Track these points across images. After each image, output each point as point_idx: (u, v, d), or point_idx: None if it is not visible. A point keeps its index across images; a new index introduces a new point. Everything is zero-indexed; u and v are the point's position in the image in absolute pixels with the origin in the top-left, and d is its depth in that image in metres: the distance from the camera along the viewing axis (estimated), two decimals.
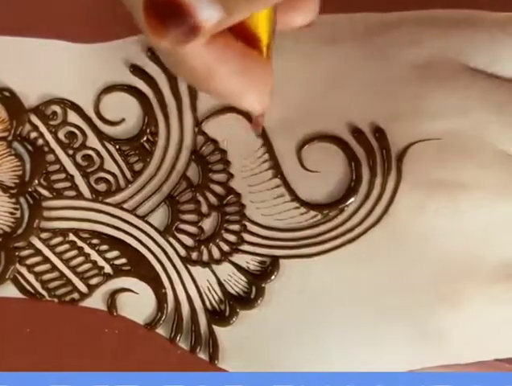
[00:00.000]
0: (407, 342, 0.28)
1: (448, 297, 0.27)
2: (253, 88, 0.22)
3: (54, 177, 0.29)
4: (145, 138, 0.28)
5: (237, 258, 0.28)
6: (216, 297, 0.29)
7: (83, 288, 0.29)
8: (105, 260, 0.29)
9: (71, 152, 0.29)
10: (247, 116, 0.28)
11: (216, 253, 0.28)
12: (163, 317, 0.29)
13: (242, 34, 0.22)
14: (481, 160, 0.28)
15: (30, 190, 0.29)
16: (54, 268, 0.29)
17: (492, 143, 0.28)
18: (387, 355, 0.28)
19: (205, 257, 0.28)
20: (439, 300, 0.27)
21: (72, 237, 0.29)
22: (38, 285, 0.29)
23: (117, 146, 0.29)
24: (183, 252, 0.29)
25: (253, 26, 0.22)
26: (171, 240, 0.29)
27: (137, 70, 0.28)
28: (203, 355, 0.29)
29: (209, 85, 0.22)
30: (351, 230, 0.28)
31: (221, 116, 0.28)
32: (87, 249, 0.29)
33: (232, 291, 0.28)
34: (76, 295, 0.29)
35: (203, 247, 0.28)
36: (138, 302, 0.29)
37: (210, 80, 0.22)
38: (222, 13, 0.18)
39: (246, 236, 0.28)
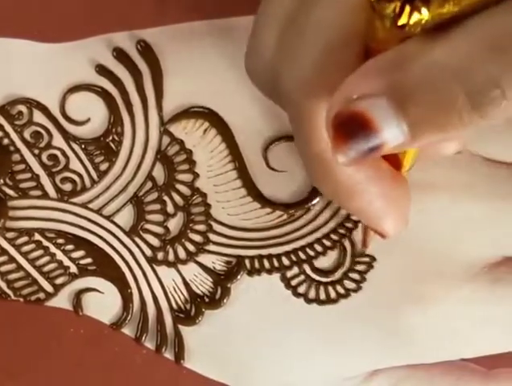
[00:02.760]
0: (375, 341, 0.28)
1: (416, 297, 0.27)
2: (394, 213, 0.22)
3: (19, 176, 0.29)
4: (110, 138, 0.28)
5: (203, 258, 0.28)
6: (182, 297, 0.29)
7: (48, 287, 0.29)
8: (71, 259, 0.29)
9: (36, 152, 0.29)
10: (216, 125, 0.28)
11: (181, 253, 0.28)
12: (129, 316, 0.29)
13: (389, 156, 0.22)
14: (449, 161, 0.28)
15: None
16: (19, 267, 0.29)
17: (465, 146, 0.28)
18: (354, 354, 0.28)
19: (171, 257, 0.28)
20: (407, 300, 0.28)
21: (37, 237, 0.29)
22: (3, 285, 0.29)
23: (83, 146, 0.28)
24: (148, 252, 0.29)
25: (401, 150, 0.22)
26: (137, 239, 0.29)
27: (102, 70, 0.28)
28: (168, 355, 0.29)
29: (352, 203, 0.22)
30: (316, 230, 0.28)
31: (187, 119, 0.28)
32: (52, 249, 0.29)
33: (197, 291, 0.28)
34: (41, 295, 0.29)
35: (168, 247, 0.28)
36: (103, 302, 0.29)
37: (355, 199, 0.21)
38: (407, 136, 0.18)
39: (212, 236, 0.28)
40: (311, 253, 0.28)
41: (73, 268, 0.29)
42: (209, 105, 0.28)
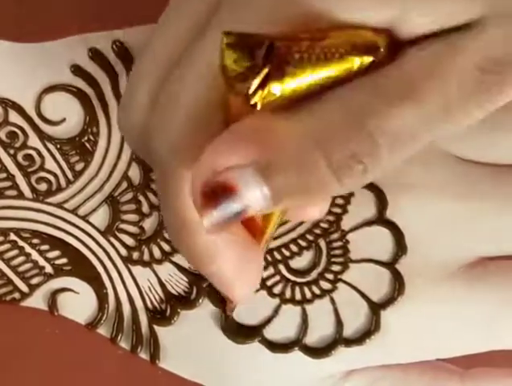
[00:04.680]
0: None
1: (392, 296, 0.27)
2: (245, 280, 0.23)
3: None
4: (86, 138, 0.28)
5: (178, 258, 0.28)
6: (158, 297, 0.29)
7: (24, 287, 0.29)
8: (46, 259, 0.29)
9: (12, 151, 0.29)
10: None
11: (157, 253, 0.28)
12: (104, 317, 0.28)
13: (248, 222, 0.22)
14: (424, 161, 0.28)
15: None
16: None
17: (436, 143, 0.28)
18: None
19: (146, 257, 0.28)
20: (382, 299, 0.28)
21: (12, 237, 0.29)
22: None
23: (59, 146, 0.28)
24: (124, 251, 0.29)
25: (262, 217, 0.22)
26: (112, 239, 0.29)
27: (78, 70, 0.28)
28: (144, 355, 0.29)
29: (209, 267, 0.22)
30: (292, 230, 0.28)
31: None
32: (28, 249, 0.29)
33: (173, 291, 0.28)
34: (16, 295, 0.29)
35: (144, 247, 0.28)
36: (79, 302, 0.29)
37: (209, 263, 0.22)
38: (269, 201, 0.18)
39: None
40: (287, 254, 0.28)
41: (48, 269, 0.29)
42: None
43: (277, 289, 0.28)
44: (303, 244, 0.28)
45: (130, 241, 0.29)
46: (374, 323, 0.28)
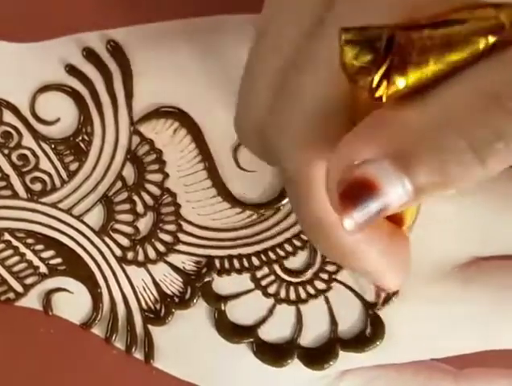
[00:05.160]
0: None
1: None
2: (396, 268, 0.22)
3: None
4: (80, 138, 0.28)
5: (173, 258, 0.28)
6: (152, 297, 0.29)
7: (18, 287, 0.29)
8: (41, 259, 0.29)
9: (6, 151, 0.29)
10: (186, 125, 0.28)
11: (151, 253, 0.28)
12: (99, 316, 0.28)
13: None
14: None
15: None
16: None
17: None
18: None
19: (141, 257, 0.28)
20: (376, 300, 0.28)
21: (7, 237, 0.29)
22: None
23: (53, 146, 0.28)
24: (118, 251, 0.29)
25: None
26: (107, 239, 0.28)
27: (72, 69, 0.28)
28: (138, 355, 0.29)
29: (355, 263, 0.22)
30: (287, 230, 0.28)
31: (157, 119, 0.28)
32: (22, 249, 0.29)
33: (167, 291, 0.28)
34: (11, 295, 0.29)
35: (138, 247, 0.28)
36: (73, 302, 0.29)
37: (357, 259, 0.21)
38: (411, 195, 0.18)
39: (182, 236, 0.28)
40: (282, 253, 0.28)
41: (43, 268, 0.29)
42: (179, 105, 0.28)
43: (271, 289, 0.28)
44: (298, 243, 0.28)
45: (124, 241, 0.28)
46: (369, 323, 0.28)
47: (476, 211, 0.27)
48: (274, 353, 0.28)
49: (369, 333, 0.28)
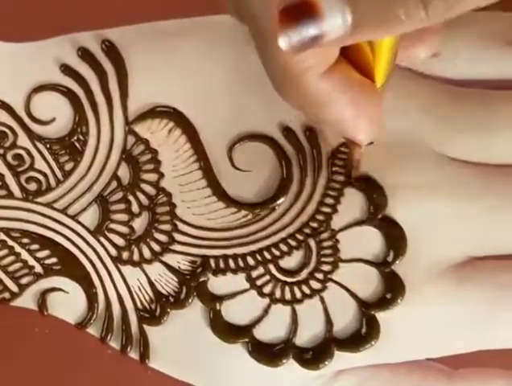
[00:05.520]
0: None
1: None
2: (364, 119, 0.23)
3: None
4: (75, 138, 0.28)
5: (168, 258, 0.28)
6: (147, 297, 0.29)
7: (13, 287, 0.29)
8: (36, 259, 0.29)
9: (1, 151, 0.29)
10: (181, 125, 0.28)
11: (146, 253, 0.28)
12: (94, 316, 0.28)
13: (359, 66, 0.22)
14: (415, 160, 0.28)
15: None
16: None
17: (428, 144, 0.28)
18: None
19: (136, 257, 0.28)
20: (371, 299, 0.28)
21: (2, 236, 0.29)
22: None
23: (48, 146, 0.28)
24: (113, 251, 0.28)
25: (371, 59, 0.22)
26: (102, 239, 0.28)
27: (67, 69, 0.28)
28: (134, 355, 0.28)
29: (322, 113, 0.22)
30: (282, 229, 0.28)
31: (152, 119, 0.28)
32: (17, 248, 0.29)
33: (162, 291, 0.28)
34: (6, 294, 0.29)
35: (133, 246, 0.28)
36: (68, 302, 0.29)
37: (324, 108, 0.22)
38: (349, 28, 0.18)
39: (177, 236, 0.28)
40: (277, 253, 0.28)
41: (38, 268, 0.29)
42: (174, 105, 0.28)
43: (267, 289, 0.28)
44: (293, 243, 0.28)
45: (119, 241, 0.28)
46: (364, 323, 0.28)
47: (471, 212, 0.27)
48: (269, 353, 0.28)
49: (365, 333, 0.28)
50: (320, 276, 0.28)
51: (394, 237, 0.28)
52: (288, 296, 0.28)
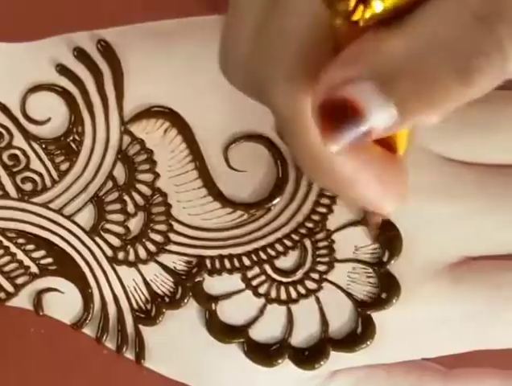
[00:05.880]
0: None
1: None
2: (392, 193, 0.22)
3: None
4: (71, 138, 0.28)
5: (164, 258, 0.28)
6: (143, 297, 0.28)
7: (9, 287, 0.29)
8: (32, 259, 0.29)
9: None
10: (176, 125, 0.28)
11: (142, 253, 0.28)
12: (90, 316, 0.28)
13: (381, 142, 0.21)
14: (411, 161, 0.28)
15: None
16: None
17: (425, 144, 0.28)
18: None
19: (131, 257, 0.28)
20: (367, 299, 0.28)
21: None
22: None
23: (44, 146, 0.28)
24: (109, 251, 0.28)
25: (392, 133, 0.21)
26: (98, 239, 0.28)
27: (63, 69, 0.28)
28: (129, 355, 0.29)
29: (351, 190, 0.21)
30: (277, 229, 0.28)
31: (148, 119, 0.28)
32: (13, 249, 0.29)
33: (158, 291, 0.28)
34: (2, 294, 0.29)
35: (129, 247, 0.28)
36: (64, 302, 0.29)
37: (353, 186, 0.21)
38: (396, 117, 0.17)
39: (173, 236, 0.28)
40: (272, 253, 0.28)
41: (34, 268, 0.29)
42: (170, 105, 0.28)
43: (262, 289, 0.28)
44: (289, 243, 0.28)
45: (115, 241, 0.28)
46: (360, 323, 0.28)
47: (467, 212, 0.27)
48: (264, 353, 0.28)
49: (360, 333, 0.28)
50: (315, 276, 0.28)
51: (390, 237, 0.28)
52: (284, 296, 0.28)
